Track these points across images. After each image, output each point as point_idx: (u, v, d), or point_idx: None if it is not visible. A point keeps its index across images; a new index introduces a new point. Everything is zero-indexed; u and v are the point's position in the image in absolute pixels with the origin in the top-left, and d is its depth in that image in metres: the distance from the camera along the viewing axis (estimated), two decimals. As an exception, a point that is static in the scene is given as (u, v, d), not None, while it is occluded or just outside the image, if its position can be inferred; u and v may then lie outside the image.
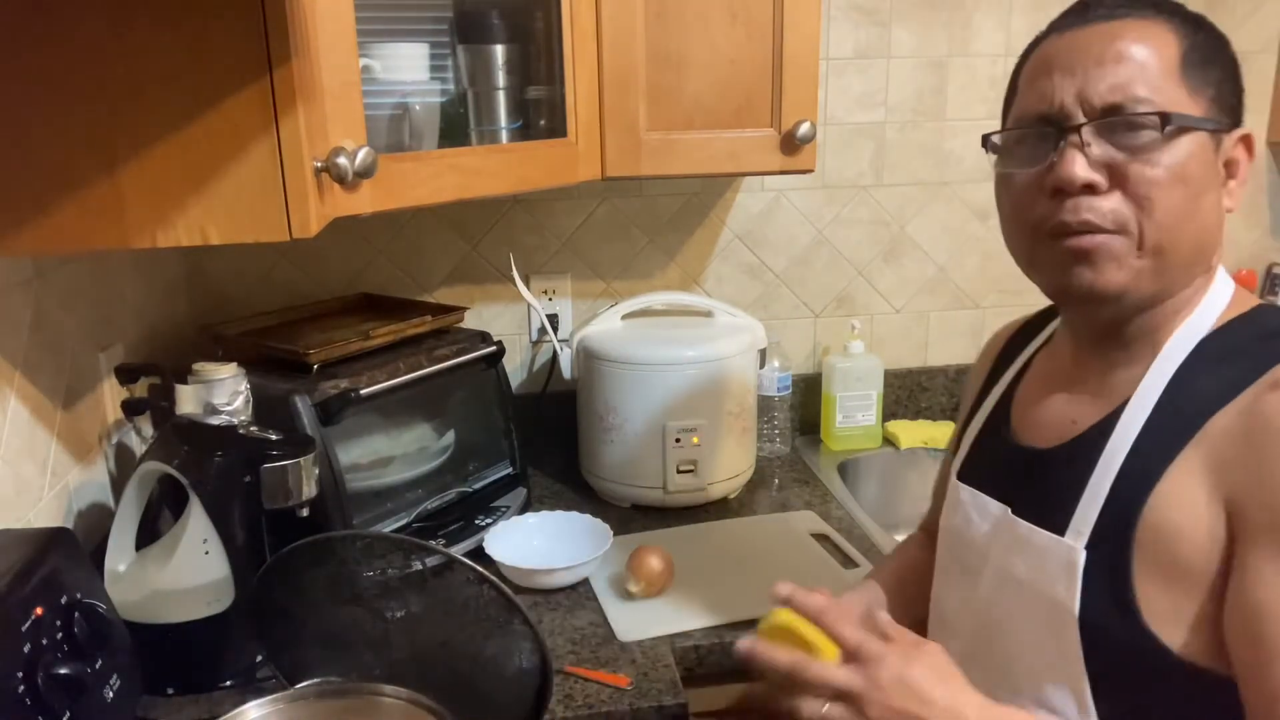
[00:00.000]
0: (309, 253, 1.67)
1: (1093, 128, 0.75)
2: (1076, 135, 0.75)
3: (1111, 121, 0.74)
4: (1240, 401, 0.71)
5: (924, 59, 1.76)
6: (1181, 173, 0.74)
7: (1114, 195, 0.75)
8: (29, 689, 0.80)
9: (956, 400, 1.92)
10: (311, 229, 0.92)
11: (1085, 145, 0.75)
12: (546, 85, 1.41)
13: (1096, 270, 0.76)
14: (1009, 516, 0.84)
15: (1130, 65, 0.74)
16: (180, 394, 1.12)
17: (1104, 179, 0.75)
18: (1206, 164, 0.75)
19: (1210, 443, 0.72)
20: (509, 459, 1.53)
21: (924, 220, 1.83)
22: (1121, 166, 0.74)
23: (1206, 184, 0.75)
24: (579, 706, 1.07)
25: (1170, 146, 0.73)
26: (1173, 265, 0.76)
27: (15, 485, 1.03)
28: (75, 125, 0.86)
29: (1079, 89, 0.75)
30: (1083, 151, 0.75)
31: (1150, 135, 0.73)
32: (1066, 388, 0.85)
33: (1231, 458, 0.70)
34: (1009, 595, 0.84)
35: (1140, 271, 0.76)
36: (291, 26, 0.88)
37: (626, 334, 1.55)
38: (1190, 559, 0.71)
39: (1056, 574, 0.78)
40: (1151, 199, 0.74)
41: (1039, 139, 0.78)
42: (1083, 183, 0.75)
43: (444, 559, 0.91)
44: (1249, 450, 0.70)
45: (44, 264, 1.13)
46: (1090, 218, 0.75)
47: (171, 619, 1.07)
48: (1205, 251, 0.78)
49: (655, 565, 1.27)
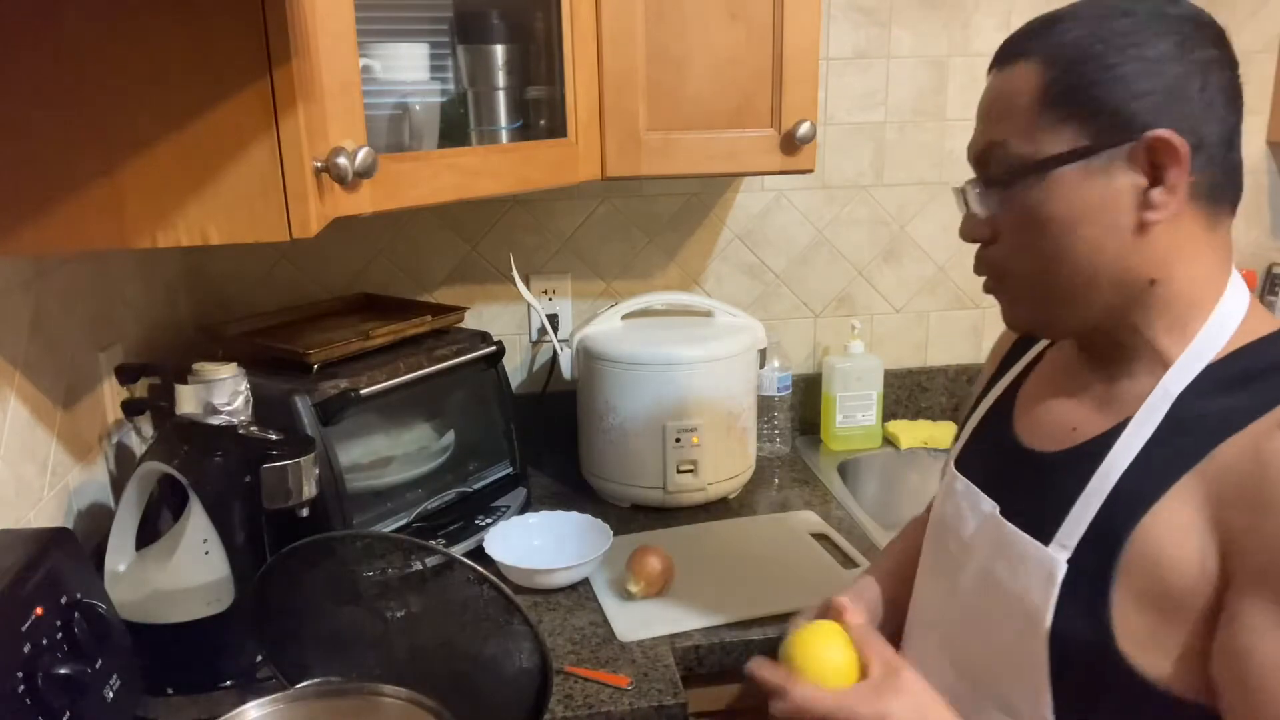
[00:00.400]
0: (309, 253, 1.67)
1: (968, 184, 0.81)
2: (965, 193, 0.81)
3: (979, 178, 0.80)
4: (1247, 434, 0.69)
5: (924, 59, 1.76)
6: (1046, 214, 0.75)
7: (999, 245, 0.80)
8: (29, 689, 0.80)
9: (957, 400, 1.92)
10: (311, 229, 0.92)
11: (971, 202, 0.81)
12: (546, 85, 1.41)
13: (1007, 311, 0.83)
14: (997, 516, 0.83)
15: (1002, 114, 0.78)
16: (180, 394, 1.12)
17: (985, 232, 0.80)
18: (1085, 194, 0.74)
19: (1212, 474, 0.70)
20: (509, 459, 1.53)
21: (924, 220, 1.83)
22: (996, 219, 0.79)
23: (1085, 215, 0.74)
24: (579, 706, 1.07)
25: (1034, 191, 0.75)
26: (1068, 300, 0.78)
27: (15, 485, 1.03)
28: (75, 125, 0.86)
29: (975, 145, 0.81)
30: (964, 208, 0.82)
31: (1015, 185, 0.76)
32: (1070, 392, 0.84)
33: (1232, 496, 0.68)
34: (987, 596, 0.83)
35: (1035, 306, 0.80)
36: (291, 26, 0.88)
37: (626, 334, 1.55)
38: (1177, 589, 0.70)
39: (1035, 583, 0.77)
40: (1019, 246, 0.78)
41: None
42: (968, 239, 0.82)
43: (444, 559, 0.91)
44: (1251, 493, 0.67)
45: (44, 264, 1.13)
46: (979, 268, 0.83)
47: (171, 619, 1.07)
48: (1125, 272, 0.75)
49: (655, 565, 1.27)
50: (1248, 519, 0.67)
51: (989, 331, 1.90)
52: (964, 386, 1.91)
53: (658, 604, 1.27)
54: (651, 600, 1.27)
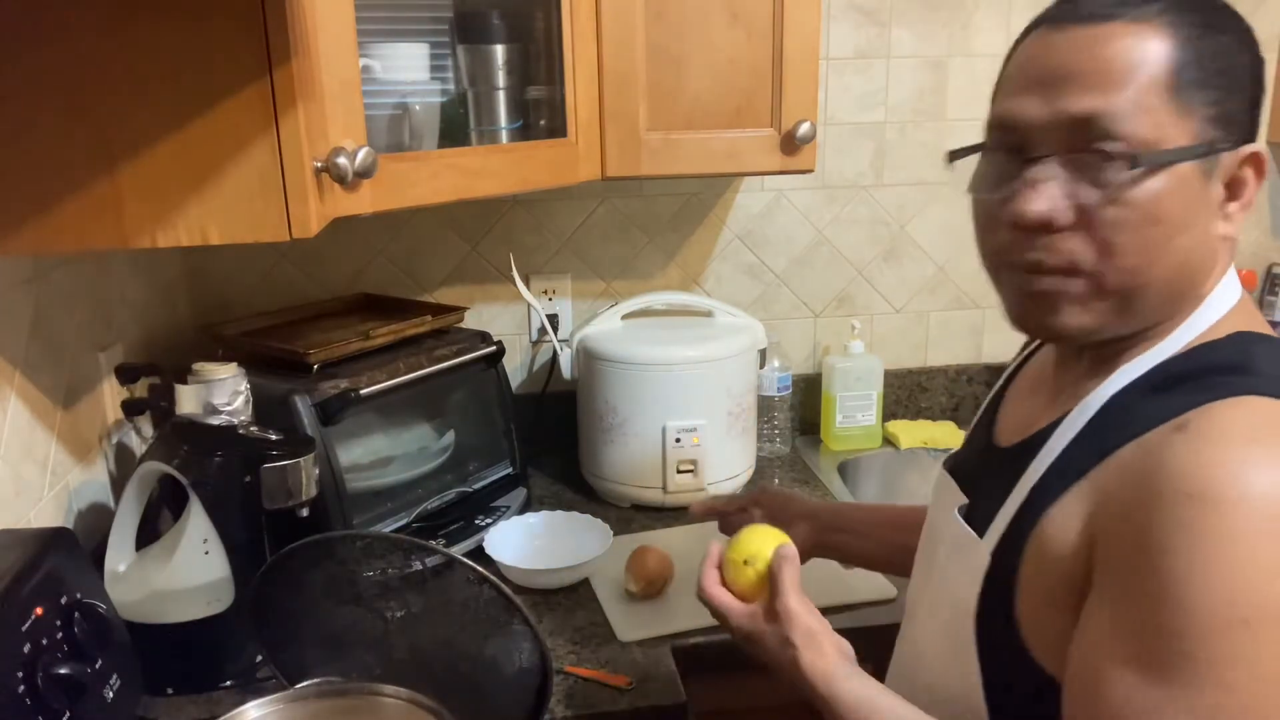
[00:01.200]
0: (309, 253, 1.67)
1: (1057, 160, 0.68)
2: (1037, 168, 0.69)
3: (1077, 157, 0.68)
4: (1151, 435, 0.65)
5: (924, 59, 1.76)
6: (1154, 213, 0.66)
7: (1076, 235, 0.68)
8: (29, 689, 0.80)
9: (957, 400, 1.92)
10: (311, 229, 0.92)
11: (1047, 179, 0.68)
12: (546, 85, 1.41)
13: (1055, 313, 0.71)
14: (954, 512, 0.82)
15: (1113, 82, 0.66)
16: (180, 394, 1.12)
17: (1066, 217, 0.68)
18: (1190, 197, 0.67)
19: (1106, 473, 0.67)
20: (509, 459, 1.53)
21: (924, 220, 1.83)
22: (1086, 205, 0.67)
23: (1188, 219, 0.68)
24: (579, 706, 1.07)
25: (1144, 184, 0.66)
26: (1143, 306, 0.70)
27: (15, 485, 1.03)
28: (75, 125, 0.86)
29: (1049, 112, 0.68)
30: (1042, 186, 0.68)
31: (1120, 174, 0.66)
32: (1042, 390, 0.82)
33: (1112, 493, 0.66)
34: (940, 590, 0.83)
35: (1104, 313, 0.70)
36: (291, 26, 0.88)
37: (626, 334, 1.55)
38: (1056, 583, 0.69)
39: (966, 573, 0.77)
40: (1115, 243, 0.67)
41: (1002, 164, 0.72)
42: (1038, 222, 0.68)
43: (444, 559, 0.91)
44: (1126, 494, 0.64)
45: (44, 264, 1.13)
46: (1043, 258, 0.69)
47: (171, 619, 1.07)
48: (1188, 285, 0.71)
49: (655, 565, 1.27)
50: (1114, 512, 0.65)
51: (989, 331, 1.90)
52: (964, 386, 1.91)
53: (658, 604, 1.27)
54: (651, 600, 1.27)
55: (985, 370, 1.91)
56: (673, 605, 1.26)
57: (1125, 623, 0.62)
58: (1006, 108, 0.72)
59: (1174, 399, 0.67)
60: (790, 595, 0.85)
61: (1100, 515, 0.66)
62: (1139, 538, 0.62)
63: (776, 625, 0.84)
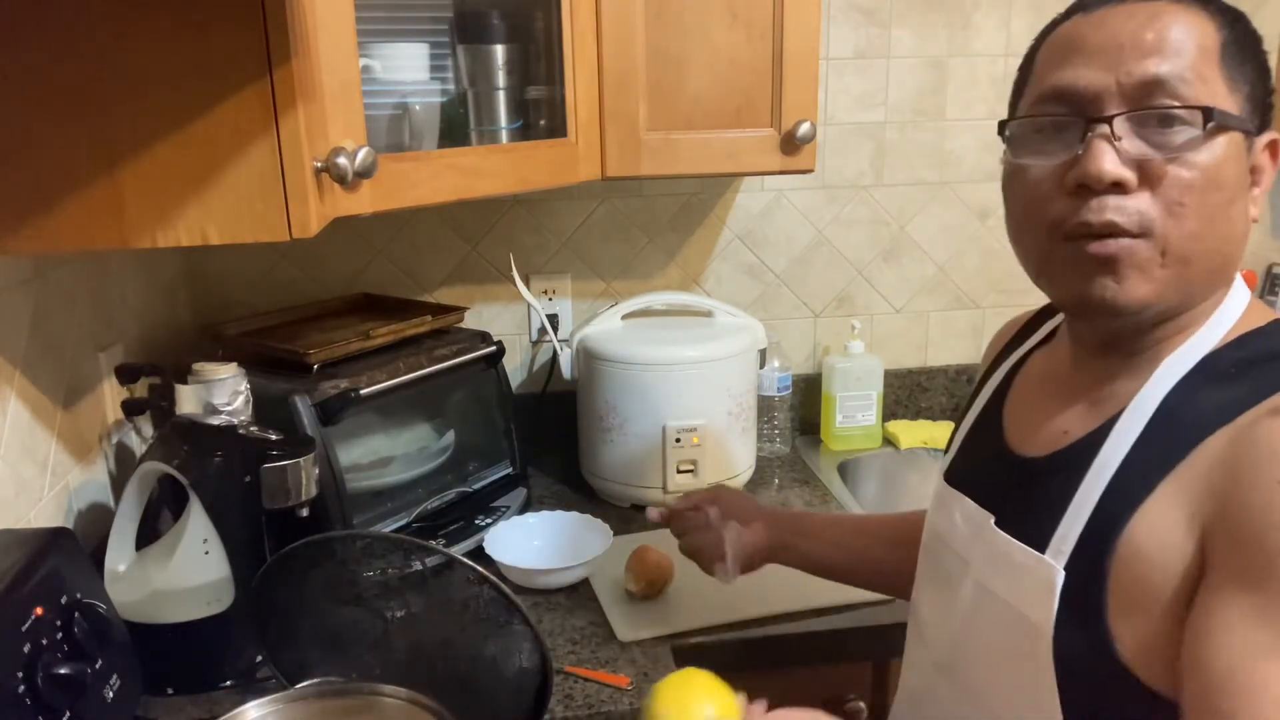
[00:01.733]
0: (309, 253, 1.67)
1: (1126, 119, 0.68)
2: (1107, 126, 0.68)
3: (1147, 114, 0.67)
4: (1237, 425, 0.65)
5: (924, 59, 1.76)
6: (1217, 176, 0.67)
7: (1143, 195, 0.68)
8: (29, 689, 0.80)
9: (957, 400, 1.92)
10: (311, 229, 0.92)
11: (1116, 138, 0.68)
12: (546, 85, 1.41)
13: (1120, 280, 0.69)
14: (991, 527, 0.78)
15: (1171, 50, 0.67)
16: (180, 394, 1.12)
17: (1134, 176, 0.68)
18: (1240, 168, 0.69)
19: (1199, 467, 0.66)
20: (509, 459, 1.53)
21: (924, 220, 1.83)
22: (1154, 165, 0.67)
23: (1238, 190, 0.69)
24: (579, 706, 1.07)
25: (1209, 146, 0.67)
26: (1197, 277, 0.70)
27: (15, 485, 1.03)
28: (75, 125, 0.86)
29: (1112, 73, 0.68)
30: (1113, 145, 0.68)
31: (1189, 132, 0.67)
32: (1062, 394, 0.79)
33: (1214, 485, 0.64)
34: (986, 611, 0.79)
35: (1165, 283, 0.69)
36: (291, 26, 0.88)
37: (626, 334, 1.55)
38: (1161, 589, 0.66)
39: (1034, 594, 0.72)
40: (1184, 204, 0.67)
41: (1062, 128, 0.71)
42: (1112, 179, 0.67)
43: (444, 559, 0.91)
44: (1229, 480, 0.63)
45: (44, 264, 1.13)
46: (1116, 219, 0.68)
47: (171, 619, 1.07)
48: (1230, 262, 0.72)
49: (655, 565, 1.27)
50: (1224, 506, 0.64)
51: (989, 331, 1.90)
52: (964, 387, 1.91)
53: (658, 604, 1.27)
54: (651, 600, 1.27)
55: (985, 370, 1.91)
56: (673, 605, 1.26)
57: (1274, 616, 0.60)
58: (1062, 78, 0.71)
59: (1244, 386, 0.67)
60: None
61: (1206, 512, 0.65)
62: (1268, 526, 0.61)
63: None
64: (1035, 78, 0.75)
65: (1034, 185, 0.73)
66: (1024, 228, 0.76)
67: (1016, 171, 0.75)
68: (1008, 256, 0.82)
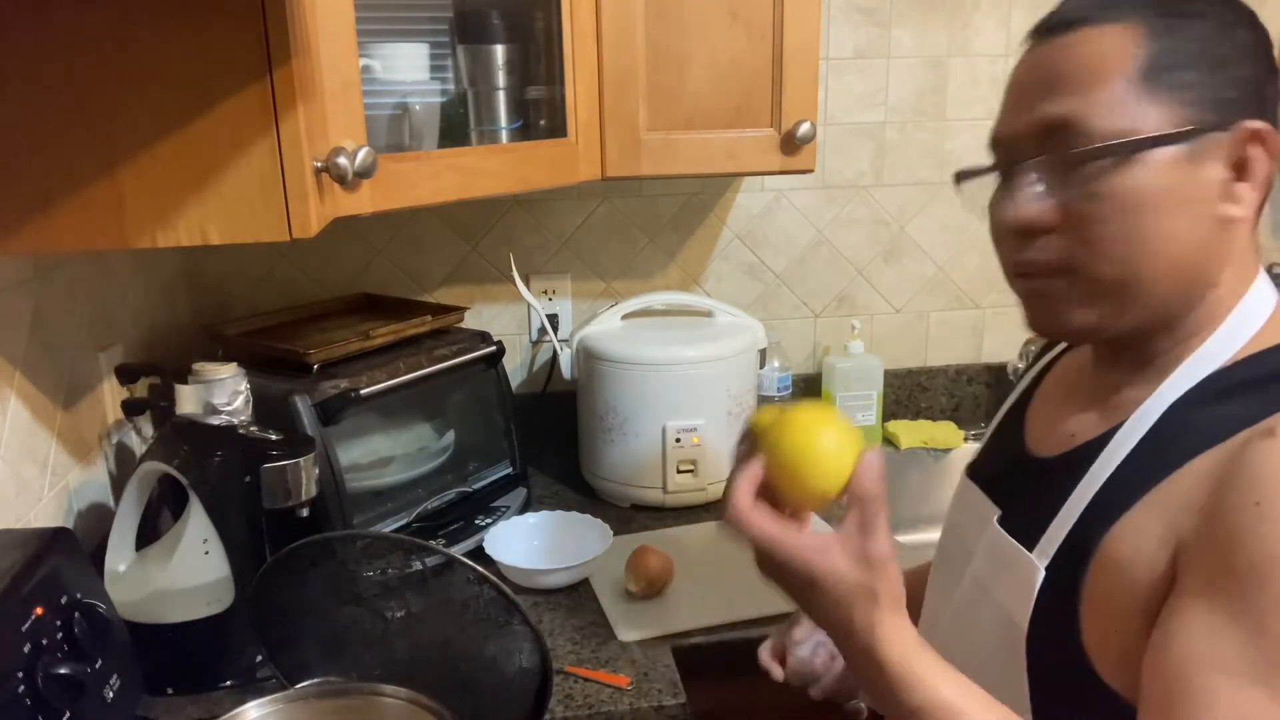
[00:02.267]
0: (309, 253, 1.67)
1: (1032, 166, 0.70)
2: (1017, 175, 0.71)
3: (1047, 160, 0.70)
4: (1229, 445, 0.64)
5: (924, 59, 1.76)
6: (1134, 200, 0.67)
7: (1063, 235, 0.70)
8: (29, 689, 0.80)
9: (957, 400, 1.92)
10: (311, 229, 0.92)
11: (1026, 185, 0.71)
12: (546, 85, 1.41)
13: (1059, 314, 0.72)
14: (993, 523, 0.80)
15: (1078, 87, 0.68)
16: (180, 394, 1.12)
17: (1051, 218, 0.70)
18: (1174, 182, 0.67)
19: (1184, 483, 0.66)
20: (509, 459, 1.53)
21: (924, 220, 1.83)
22: (1069, 203, 0.69)
23: (1175, 204, 0.68)
24: (579, 706, 1.07)
25: (1127, 173, 0.67)
26: (1147, 295, 0.70)
27: (15, 485, 1.03)
28: (75, 125, 0.86)
29: (1024, 123, 0.71)
30: (1023, 190, 0.71)
31: (1093, 167, 0.68)
32: (1078, 398, 0.81)
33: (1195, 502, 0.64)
34: (975, 603, 0.80)
35: (1110, 307, 0.70)
36: (291, 26, 0.88)
37: (626, 334, 1.55)
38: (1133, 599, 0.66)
39: (1016, 589, 0.74)
40: (1096, 235, 0.68)
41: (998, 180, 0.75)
42: (1018, 226, 0.71)
43: (444, 559, 0.91)
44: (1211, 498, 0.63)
45: (44, 264, 1.13)
46: (1035, 257, 0.71)
47: (171, 619, 1.07)
48: (1197, 270, 0.70)
49: (655, 565, 1.27)
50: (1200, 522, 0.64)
51: (989, 331, 1.90)
52: (964, 386, 1.91)
53: (658, 604, 1.27)
54: (651, 600, 1.27)
55: (985, 370, 1.91)
56: (673, 605, 1.26)
57: (1232, 633, 0.60)
58: (995, 127, 0.76)
59: (1245, 405, 0.66)
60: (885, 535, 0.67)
61: (1183, 526, 0.65)
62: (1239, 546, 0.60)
63: (865, 573, 0.66)
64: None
65: (993, 229, 0.77)
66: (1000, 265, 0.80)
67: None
68: None
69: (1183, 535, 0.64)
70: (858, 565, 0.66)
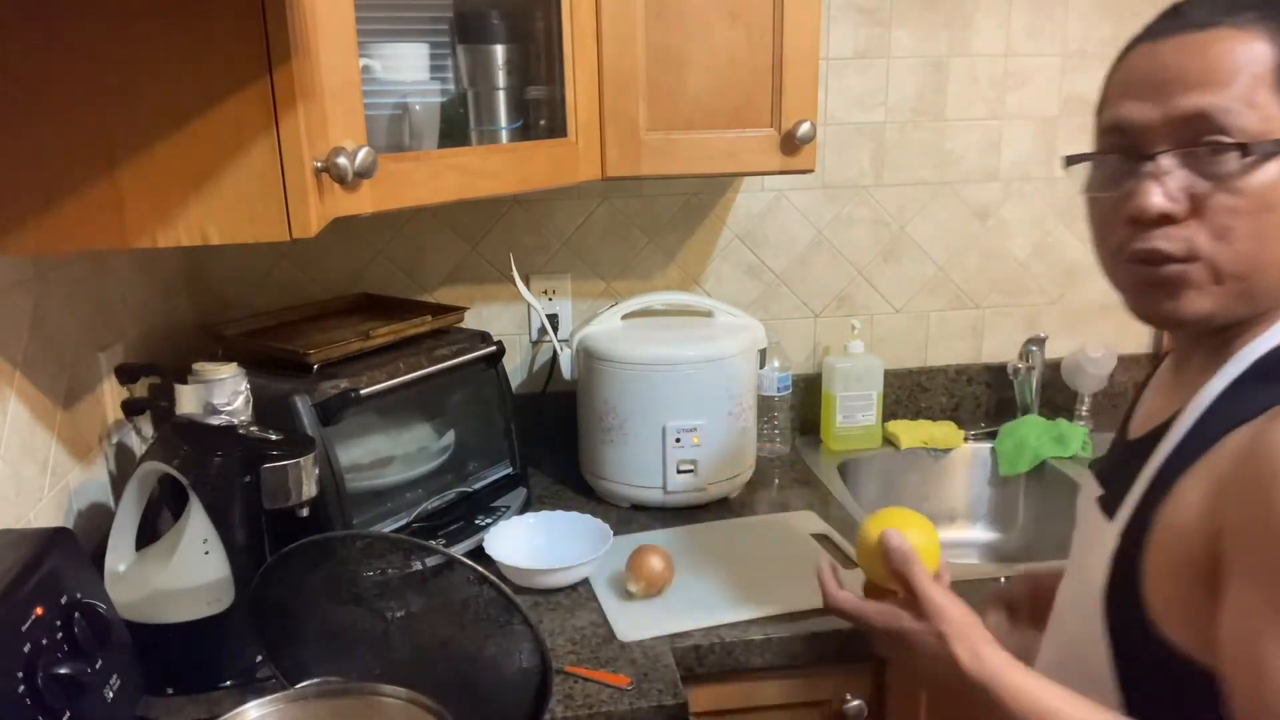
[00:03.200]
0: (309, 253, 1.67)
1: (1172, 156, 0.73)
2: (1153, 164, 0.74)
3: (1190, 152, 0.73)
4: (1257, 422, 0.70)
5: (924, 59, 1.76)
6: (1268, 199, 0.71)
7: (1191, 223, 0.73)
8: (29, 689, 0.80)
9: (957, 400, 1.92)
10: (311, 229, 0.92)
11: (1163, 174, 0.73)
12: (546, 85, 1.41)
13: (1175, 299, 0.76)
14: (1093, 501, 0.87)
15: (1218, 81, 0.71)
16: (180, 394, 1.12)
17: (1183, 208, 0.73)
18: None
19: (1222, 454, 0.72)
20: (509, 459, 1.53)
21: (924, 220, 1.83)
22: (1201, 195, 0.72)
23: None
24: (579, 706, 1.07)
25: (1259, 171, 0.71)
26: (1260, 289, 0.74)
27: (15, 485, 1.03)
28: (75, 125, 0.86)
29: (1160, 108, 0.74)
30: (1159, 181, 0.73)
31: (1235, 161, 0.71)
32: (1166, 386, 0.88)
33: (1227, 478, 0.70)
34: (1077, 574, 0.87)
35: (1224, 297, 0.75)
36: (291, 26, 0.88)
37: (626, 334, 1.55)
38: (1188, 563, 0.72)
39: (1099, 558, 0.81)
40: (1231, 228, 0.72)
41: (1117, 164, 0.77)
42: (1156, 213, 0.73)
43: (444, 559, 0.91)
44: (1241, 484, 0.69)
45: (44, 264, 1.13)
46: (1163, 246, 0.74)
47: (171, 619, 1.07)
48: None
49: (655, 565, 1.27)
50: (1234, 503, 0.69)
51: (989, 331, 1.90)
52: (964, 386, 1.91)
53: (658, 604, 1.27)
54: (651, 600, 1.27)
55: (985, 370, 1.91)
56: (673, 605, 1.26)
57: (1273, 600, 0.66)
58: (1118, 113, 0.77)
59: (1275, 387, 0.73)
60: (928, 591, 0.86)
61: (1221, 498, 0.70)
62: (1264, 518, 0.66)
63: (924, 623, 0.86)
64: (1105, 106, 0.81)
65: (1100, 216, 0.81)
66: (1098, 250, 0.83)
67: (1088, 201, 0.83)
68: (1008, 256, 0.86)
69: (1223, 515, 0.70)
70: (919, 619, 0.86)
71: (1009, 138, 1.80)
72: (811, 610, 1.24)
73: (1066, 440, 1.75)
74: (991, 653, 0.82)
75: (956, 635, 0.83)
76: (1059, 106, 1.80)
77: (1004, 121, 1.80)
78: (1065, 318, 1.91)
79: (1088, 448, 1.75)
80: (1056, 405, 1.87)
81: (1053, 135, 1.81)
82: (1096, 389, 1.85)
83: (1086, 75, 1.78)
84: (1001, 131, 1.80)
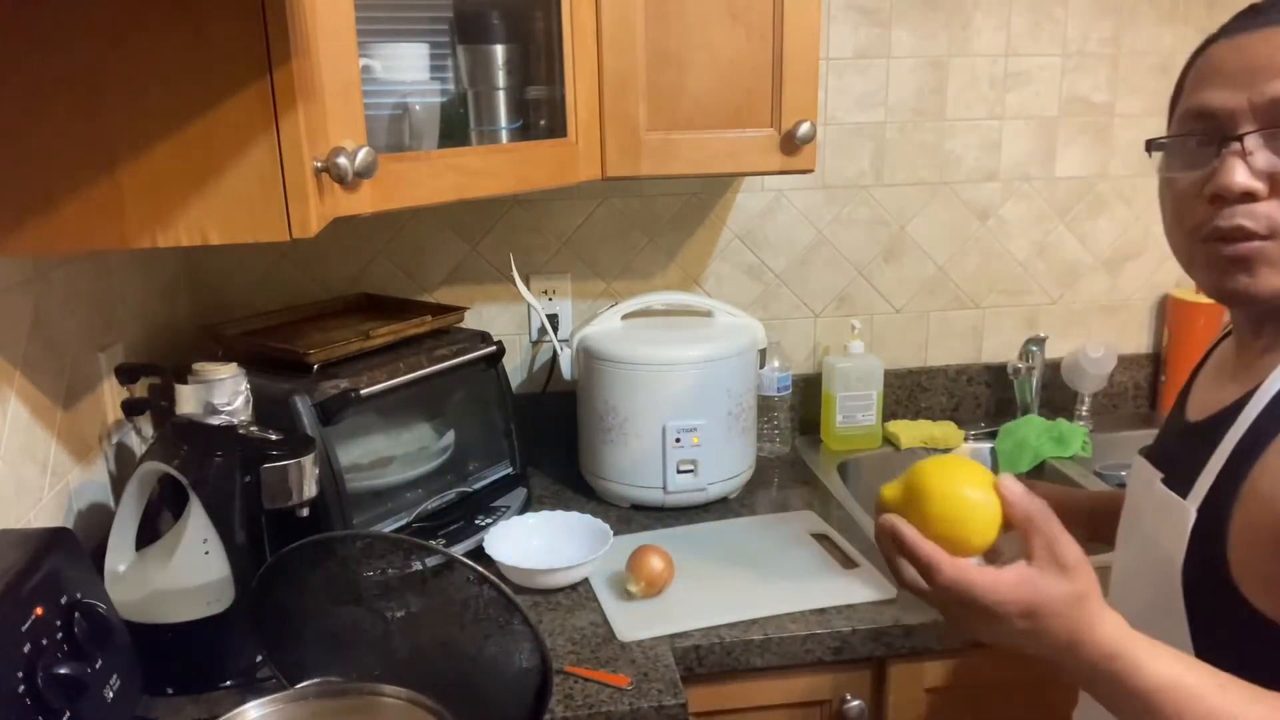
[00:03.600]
0: (309, 253, 1.67)
1: (1256, 136, 0.77)
2: (1239, 143, 0.77)
3: (1275, 132, 0.76)
4: None
5: (924, 59, 1.76)
6: None
7: (1272, 202, 0.77)
8: (29, 689, 0.80)
9: (957, 400, 1.92)
10: (312, 229, 0.92)
11: (1248, 154, 0.77)
12: (546, 85, 1.41)
13: (1253, 275, 0.79)
14: (1157, 483, 0.88)
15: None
16: (180, 394, 1.12)
17: (1265, 186, 0.77)
18: None
19: None
20: (509, 459, 1.53)
21: (924, 220, 1.83)
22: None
23: None
24: (579, 706, 1.07)
25: None
26: None
27: (15, 485, 1.03)
28: (75, 125, 0.86)
29: (1245, 94, 0.77)
30: (1244, 160, 0.77)
31: None
32: (1227, 370, 0.90)
33: None
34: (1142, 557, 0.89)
35: None
36: (291, 26, 0.88)
37: (626, 334, 1.55)
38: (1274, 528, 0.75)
39: (1173, 533, 0.82)
40: None
41: (1200, 145, 0.80)
42: (1242, 190, 0.77)
43: (444, 559, 0.91)
44: None
45: (44, 264, 1.13)
46: (1245, 223, 0.77)
47: (171, 619, 1.07)
48: None
49: (655, 565, 1.27)
50: None
51: (989, 331, 1.90)
52: (964, 386, 1.91)
53: (658, 604, 1.27)
54: (651, 600, 1.27)
55: (985, 370, 1.91)
56: (672, 605, 1.26)
57: None
58: (1202, 99, 0.81)
59: None
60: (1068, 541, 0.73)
61: None
62: None
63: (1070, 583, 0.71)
64: (1183, 96, 0.84)
65: (1179, 194, 0.83)
66: (1173, 230, 0.86)
67: (1166, 182, 0.85)
68: (1008, 256, 0.86)
69: None
70: (1062, 578, 0.71)
71: (1009, 138, 1.80)
72: (811, 610, 1.24)
73: (1066, 440, 1.75)
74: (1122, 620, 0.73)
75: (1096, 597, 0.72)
76: (1059, 106, 1.80)
77: (1004, 122, 1.80)
78: (1065, 318, 1.91)
79: (1088, 448, 1.75)
80: (1056, 405, 1.87)
81: (1053, 135, 1.81)
82: (1096, 389, 1.85)
83: (1086, 75, 1.78)
84: (1001, 131, 1.80)
